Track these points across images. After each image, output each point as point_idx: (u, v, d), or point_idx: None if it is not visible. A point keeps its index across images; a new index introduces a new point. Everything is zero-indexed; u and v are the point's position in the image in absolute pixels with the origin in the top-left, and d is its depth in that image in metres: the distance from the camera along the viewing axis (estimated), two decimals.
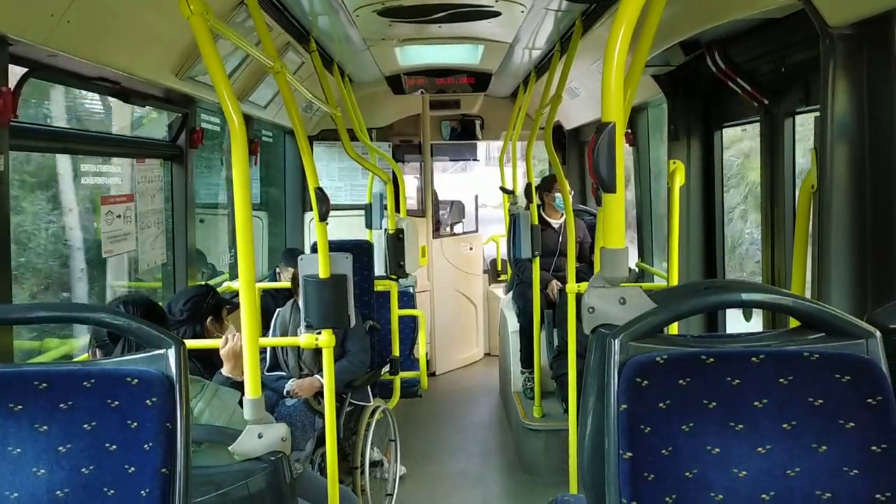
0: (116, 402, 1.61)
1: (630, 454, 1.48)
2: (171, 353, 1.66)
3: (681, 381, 1.49)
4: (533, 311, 5.34)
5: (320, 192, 2.99)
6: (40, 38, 2.36)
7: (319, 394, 4.02)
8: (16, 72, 2.54)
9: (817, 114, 2.48)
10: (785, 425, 1.48)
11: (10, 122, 2.37)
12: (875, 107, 2.27)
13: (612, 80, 1.54)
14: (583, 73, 5.21)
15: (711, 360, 1.49)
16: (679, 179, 3.52)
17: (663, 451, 1.49)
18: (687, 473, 1.49)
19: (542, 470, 5.21)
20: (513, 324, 6.10)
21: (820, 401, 1.48)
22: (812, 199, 2.50)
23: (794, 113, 3.28)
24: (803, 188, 2.56)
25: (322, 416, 3.89)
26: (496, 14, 4.26)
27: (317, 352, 3.95)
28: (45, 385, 1.60)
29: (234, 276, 5.47)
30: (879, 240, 2.31)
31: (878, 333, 1.51)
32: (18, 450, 1.59)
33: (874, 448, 1.46)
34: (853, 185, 2.32)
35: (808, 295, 2.68)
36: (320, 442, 3.99)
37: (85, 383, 1.61)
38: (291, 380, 4.13)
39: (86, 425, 1.60)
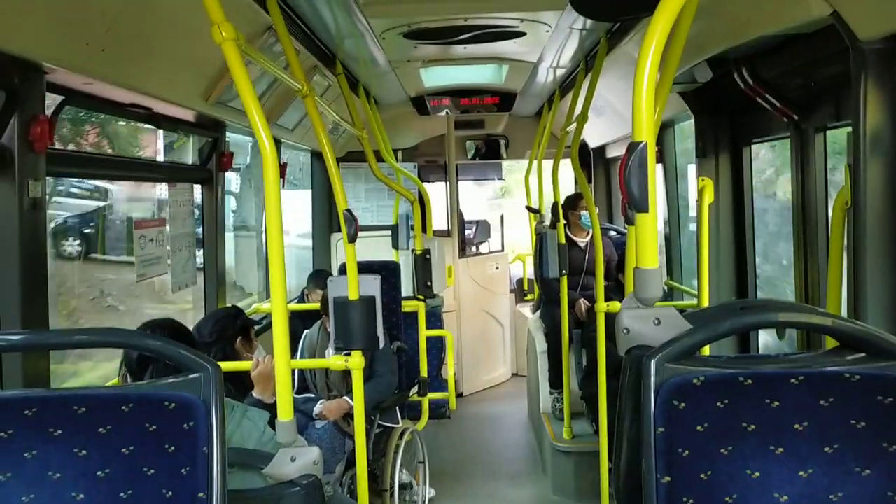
0: (154, 427, 1.62)
1: (668, 478, 1.45)
2: (208, 376, 1.66)
3: (718, 404, 1.47)
4: (561, 330, 5.31)
5: (349, 214, 2.99)
6: (76, 67, 2.41)
7: (349, 415, 4.02)
8: (52, 99, 2.59)
9: (849, 129, 2.45)
10: (827, 448, 1.45)
11: (47, 149, 2.41)
12: None
13: (642, 99, 1.53)
14: (608, 90, 5.21)
15: (749, 381, 1.47)
16: (708, 197, 3.48)
17: (702, 475, 1.46)
18: (727, 498, 1.46)
19: (572, 492, 5.15)
20: (541, 344, 6.06)
21: (862, 423, 1.45)
22: (846, 215, 2.47)
23: (825, 128, 3.25)
24: (837, 204, 2.52)
25: (351, 437, 3.88)
26: (521, 34, 4.28)
27: (345, 373, 3.94)
28: (83, 409, 1.61)
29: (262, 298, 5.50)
30: None
31: None
32: (58, 474, 1.60)
33: None
34: (888, 200, 2.29)
35: (843, 313, 2.63)
36: (350, 464, 3.98)
37: (123, 407, 1.62)
38: (320, 402, 4.14)
39: (124, 449, 1.61)
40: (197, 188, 4.08)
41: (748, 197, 4.13)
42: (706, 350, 2.84)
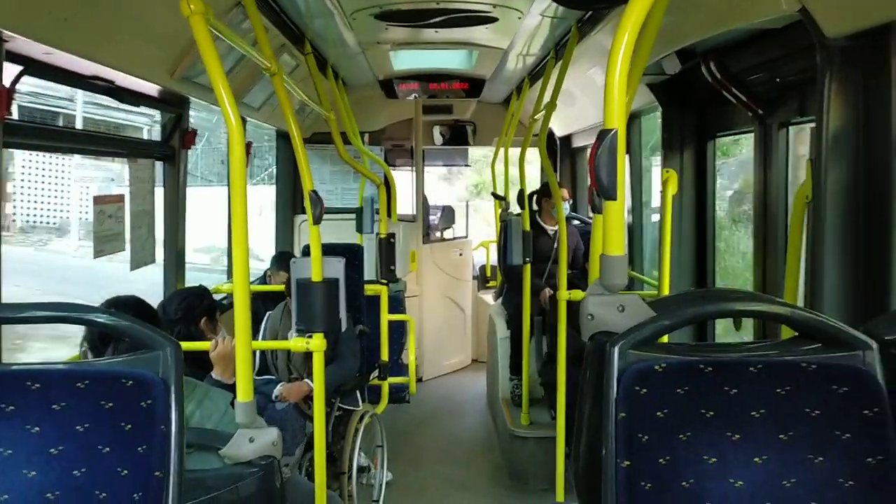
0: (110, 404, 1.59)
1: (628, 462, 1.47)
2: (167, 354, 1.64)
3: (679, 390, 1.49)
4: (523, 317, 5.34)
5: (315, 195, 2.97)
6: (37, 35, 2.34)
7: (309, 398, 3.99)
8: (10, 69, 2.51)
9: (812, 124, 2.49)
10: (782, 436, 1.48)
11: (5, 120, 2.35)
12: (871, 118, 2.28)
13: (614, 87, 1.54)
14: (576, 80, 5.22)
15: (710, 369, 1.49)
16: (672, 188, 3.52)
17: (661, 461, 1.48)
18: (684, 483, 1.48)
19: (528, 477, 5.20)
20: (502, 330, 6.09)
21: (817, 412, 1.48)
22: (806, 209, 2.51)
23: (789, 123, 3.30)
24: (797, 199, 2.57)
25: (311, 420, 3.86)
26: (493, 20, 4.27)
27: (307, 356, 3.92)
28: (37, 385, 1.58)
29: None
30: (872, 251, 2.32)
31: (875, 345, 1.51)
32: (9, 451, 1.57)
33: (869, 460, 1.46)
34: (848, 197, 2.34)
35: (799, 304, 2.69)
36: (309, 446, 3.96)
37: (79, 384, 1.59)
38: (280, 384, 4.10)
39: (79, 427, 1.58)
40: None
41: (710, 189, 4.19)
42: (665, 337, 2.88)
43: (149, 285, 3.99)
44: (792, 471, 1.48)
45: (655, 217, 4.99)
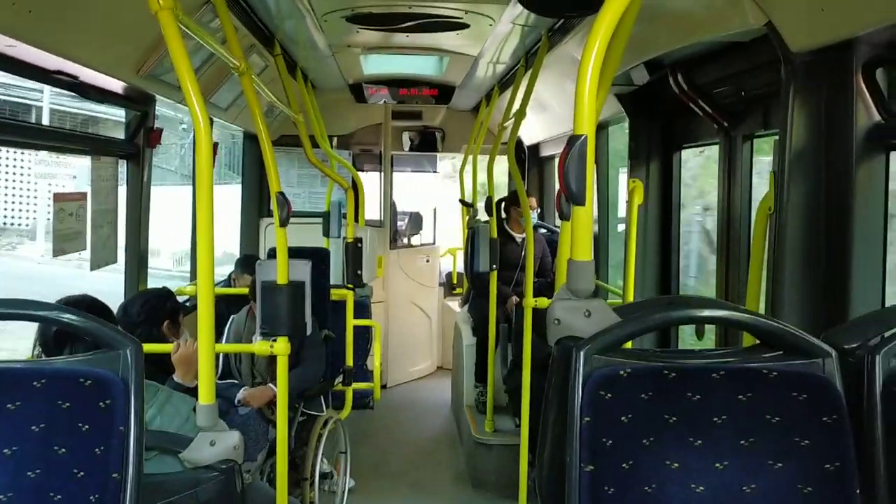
0: (68, 404, 1.55)
1: (591, 467, 1.47)
2: (127, 353, 1.61)
3: (643, 395, 1.50)
4: (489, 324, 5.34)
5: (281, 197, 2.94)
6: (0, 27, 2.29)
7: (273, 402, 3.95)
8: None
9: (776, 137, 2.54)
10: (743, 442, 1.50)
11: None
12: (833, 131, 2.33)
13: (585, 93, 1.54)
14: (545, 89, 5.26)
15: (674, 375, 1.50)
16: (637, 198, 3.55)
17: (624, 465, 1.49)
18: (646, 488, 1.49)
19: (492, 484, 5.20)
20: (467, 337, 6.09)
21: (777, 418, 1.50)
22: (769, 220, 2.55)
23: (753, 136, 3.35)
24: (760, 210, 2.60)
25: (275, 425, 3.82)
26: (464, 26, 4.27)
27: (271, 360, 3.88)
28: None
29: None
30: (833, 262, 2.37)
31: (834, 353, 1.54)
32: None
33: (828, 466, 1.49)
34: (809, 208, 2.38)
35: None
36: (271, 452, 3.92)
37: (35, 383, 1.55)
38: (243, 388, 4.05)
39: (34, 427, 1.54)
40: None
41: (676, 200, 4.24)
42: (628, 345, 2.90)
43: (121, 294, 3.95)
44: (752, 476, 1.49)
45: (621, 227, 5.04)
